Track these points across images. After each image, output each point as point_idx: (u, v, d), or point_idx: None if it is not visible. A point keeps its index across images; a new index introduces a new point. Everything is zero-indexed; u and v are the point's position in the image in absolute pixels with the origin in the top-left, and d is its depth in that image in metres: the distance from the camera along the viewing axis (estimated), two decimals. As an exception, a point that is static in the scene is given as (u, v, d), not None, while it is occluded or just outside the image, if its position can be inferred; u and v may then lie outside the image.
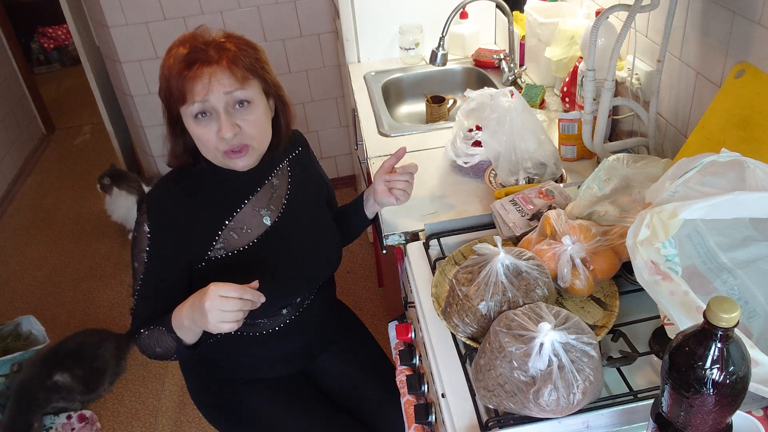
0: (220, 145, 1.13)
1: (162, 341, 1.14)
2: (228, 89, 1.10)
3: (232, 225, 1.23)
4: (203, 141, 1.14)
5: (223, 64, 1.10)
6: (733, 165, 0.88)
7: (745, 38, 1.09)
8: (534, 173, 1.40)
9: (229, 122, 1.11)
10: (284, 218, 1.28)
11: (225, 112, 1.11)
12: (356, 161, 2.72)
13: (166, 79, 1.12)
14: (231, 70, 1.10)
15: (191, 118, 1.12)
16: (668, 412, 0.72)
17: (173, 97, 1.12)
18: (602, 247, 1.04)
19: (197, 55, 1.10)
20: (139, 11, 2.77)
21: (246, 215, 1.25)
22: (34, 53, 5.49)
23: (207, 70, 1.09)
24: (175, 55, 1.11)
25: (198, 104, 1.10)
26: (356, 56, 2.32)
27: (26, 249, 3.31)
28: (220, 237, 1.22)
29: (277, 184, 1.31)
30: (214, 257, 1.21)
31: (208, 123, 1.12)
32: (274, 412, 1.34)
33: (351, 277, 2.80)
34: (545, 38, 1.83)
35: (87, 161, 4.11)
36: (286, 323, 1.32)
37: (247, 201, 1.26)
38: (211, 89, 1.09)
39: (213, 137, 1.13)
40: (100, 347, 2.38)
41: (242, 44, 1.15)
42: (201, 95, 1.09)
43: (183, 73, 1.09)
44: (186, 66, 1.09)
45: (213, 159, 1.18)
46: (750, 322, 0.94)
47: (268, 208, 1.27)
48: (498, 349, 0.87)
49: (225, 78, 1.10)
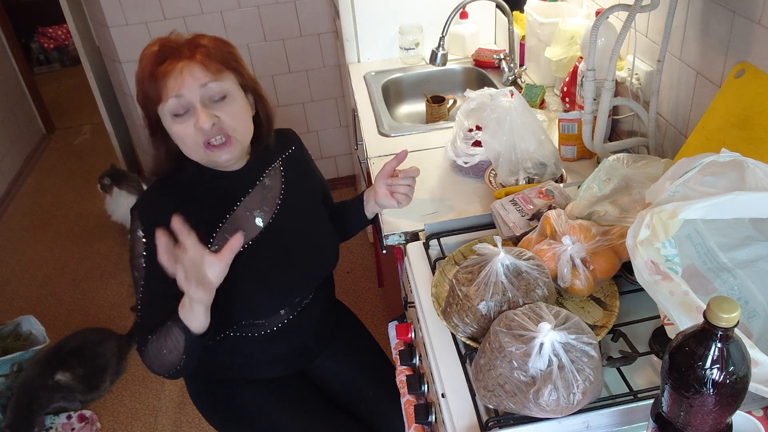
0: (199, 137, 1.11)
1: (169, 340, 1.10)
2: (202, 81, 1.08)
3: (225, 227, 1.22)
4: (182, 137, 1.12)
5: (196, 59, 1.09)
6: (733, 165, 0.88)
7: (745, 38, 1.09)
8: (534, 173, 1.40)
9: (206, 113, 1.09)
10: (278, 219, 1.27)
11: (202, 105, 1.09)
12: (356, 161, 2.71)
13: (140, 81, 1.11)
14: (204, 63, 1.09)
15: (169, 117, 1.10)
16: (668, 412, 0.72)
17: (149, 98, 1.10)
18: (602, 247, 1.04)
19: (168, 52, 1.08)
20: (139, 11, 2.77)
21: (239, 218, 1.23)
22: (34, 53, 5.49)
23: (179, 64, 1.07)
24: (147, 55, 1.10)
25: (173, 99, 1.08)
26: (356, 56, 2.32)
27: (26, 249, 3.31)
28: (214, 240, 1.21)
29: (269, 184, 1.29)
30: None
31: (186, 119, 1.10)
32: (274, 412, 1.34)
33: (351, 277, 2.80)
34: (545, 38, 1.83)
35: (87, 161, 4.11)
36: (285, 323, 1.32)
37: (239, 203, 1.24)
38: (184, 82, 1.07)
39: (191, 131, 1.10)
40: (101, 345, 2.38)
41: (213, 40, 1.14)
42: (175, 90, 1.07)
43: (155, 71, 1.07)
44: (157, 63, 1.08)
45: (196, 157, 1.15)
46: (750, 322, 0.94)
47: (261, 209, 1.26)
48: (498, 349, 0.87)
49: (198, 71, 1.08)
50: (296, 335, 1.35)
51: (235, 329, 1.28)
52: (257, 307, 1.26)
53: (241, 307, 1.22)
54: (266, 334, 1.31)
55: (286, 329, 1.32)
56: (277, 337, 1.32)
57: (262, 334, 1.30)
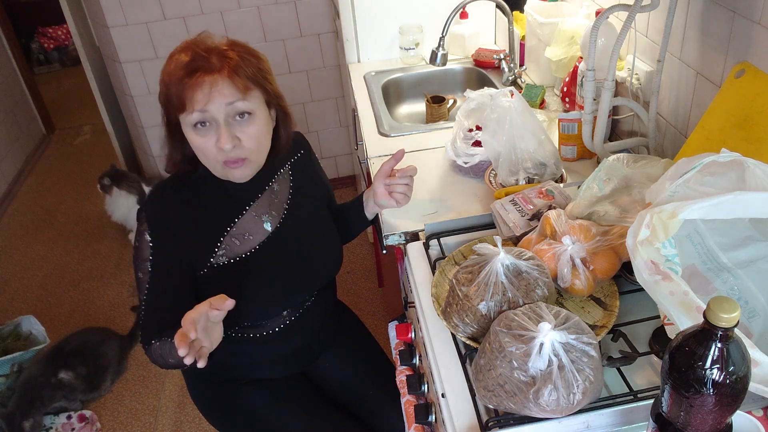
0: (219, 156, 1.12)
1: (173, 354, 1.10)
2: (229, 100, 1.08)
3: (233, 231, 1.22)
4: (202, 151, 1.13)
5: (225, 74, 1.08)
6: (733, 165, 0.88)
7: (745, 38, 1.09)
8: (534, 173, 1.40)
9: (228, 134, 1.09)
10: (286, 224, 1.28)
11: (225, 124, 1.10)
12: (356, 161, 2.72)
13: (166, 85, 1.10)
14: (232, 80, 1.08)
15: (190, 126, 1.11)
16: (668, 412, 0.72)
17: (172, 104, 1.10)
18: (602, 247, 1.04)
19: (199, 63, 1.07)
20: (139, 11, 2.77)
21: (247, 222, 1.24)
22: (34, 53, 5.49)
23: (208, 78, 1.07)
24: (177, 61, 1.09)
25: (197, 113, 1.08)
26: (356, 56, 2.32)
27: (26, 249, 3.31)
28: (222, 243, 1.21)
29: (278, 189, 1.30)
30: (216, 264, 1.21)
31: (207, 133, 1.10)
32: (275, 412, 1.34)
33: (351, 277, 2.80)
34: (545, 38, 1.83)
35: (87, 161, 4.11)
36: (287, 324, 1.32)
37: (248, 208, 1.25)
38: (212, 99, 1.07)
39: (212, 147, 1.11)
40: (103, 345, 2.39)
41: (245, 53, 1.12)
42: (201, 104, 1.07)
43: (183, 81, 1.07)
44: (187, 74, 1.07)
45: (212, 169, 1.17)
46: (750, 322, 0.94)
47: (269, 213, 1.27)
48: (498, 349, 0.87)
49: (226, 88, 1.08)
50: (298, 336, 1.35)
51: (237, 330, 1.29)
52: (261, 309, 1.26)
53: (245, 309, 1.22)
54: (268, 334, 1.31)
55: (288, 330, 1.32)
56: (279, 338, 1.32)
57: (264, 334, 1.30)
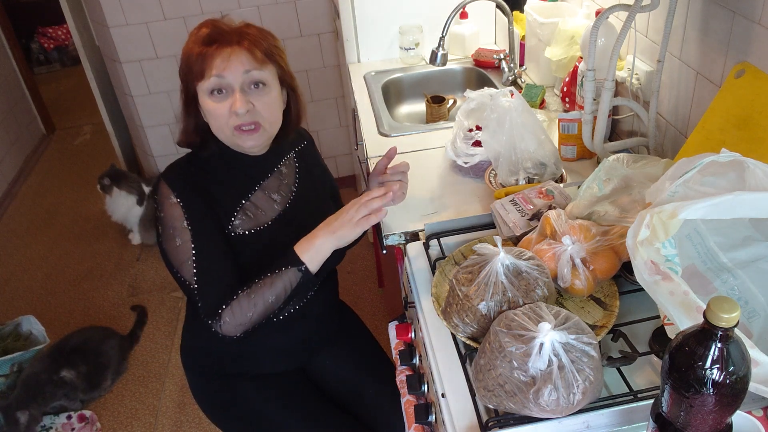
0: (232, 120, 1.16)
1: (278, 281, 1.15)
2: (247, 67, 1.14)
3: (247, 205, 1.26)
4: (215, 115, 1.17)
5: (244, 45, 1.15)
6: (733, 165, 0.88)
7: (745, 38, 1.09)
8: (534, 173, 1.40)
9: (243, 99, 1.15)
10: (292, 207, 1.32)
11: (240, 91, 1.15)
12: (356, 161, 2.71)
13: (186, 56, 1.17)
14: (251, 51, 1.15)
15: (207, 93, 1.16)
16: (668, 412, 0.72)
17: (192, 73, 1.16)
18: (602, 247, 1.04)
19: (218, 36, 1.15)
20: (139, 11, 2.77)
21: (259, 198, 1.28)
22: (34, 53, 5.49)
23: (227, 48, 1.14)
24: (197, 35, 1.17)
25: (215, 78, 1.14)
26: (356, 56, 2.32)
27: (26, 249, 3.31)
28: (238, 213, 1.24)
29: (285, 172, 1.34)
30: (233, 233, 1.24)
31: (222, 99, 1.16)
32: (275, 410, 1.35)
33: (351, 277, 2.80)
34: (545, 38, 1.83)
35: (87, 161, 4.11)
36: (290, 312, 1.33)
37: (259, 185, 1.29)
38: (229, 65, 1.13)
39: (225, 112, 1.16)
40: (103, 344, 2.39)
41: (261, 30, 1.20)
42: (219, 70, 1.13)
43: (203, 50, 1.14)
44: (207, 43, 1.14)
45: (223, 136, 1.21)
46: (750, 322, 0.94)
47: (278, 193, 1.31)
48: (498, 349, 0.87)
49: (244, 57, 1.14)
50: (300, 326, 1.36)
51: None
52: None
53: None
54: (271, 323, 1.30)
55: (290, 319, 1.33)
56: (282, 328, 1.33)
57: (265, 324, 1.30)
